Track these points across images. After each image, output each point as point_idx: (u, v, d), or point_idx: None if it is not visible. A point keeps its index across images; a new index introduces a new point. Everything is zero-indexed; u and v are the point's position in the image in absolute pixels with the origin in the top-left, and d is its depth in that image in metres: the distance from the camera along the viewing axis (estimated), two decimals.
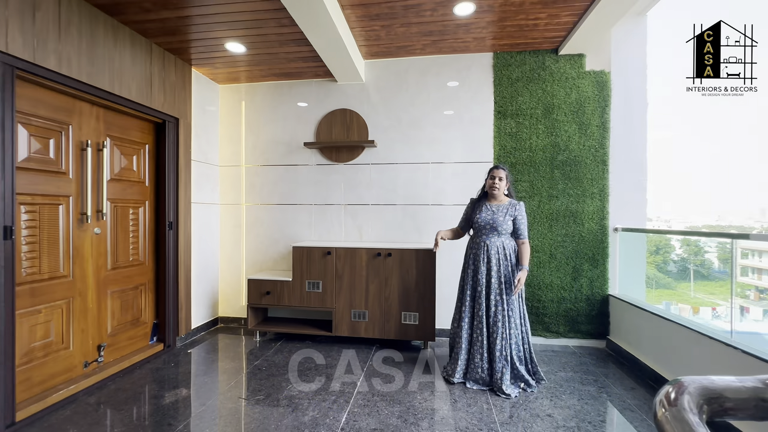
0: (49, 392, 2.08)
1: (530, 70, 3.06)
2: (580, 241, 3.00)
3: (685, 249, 2.92)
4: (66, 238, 2.23)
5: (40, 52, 1.94)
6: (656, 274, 3.05)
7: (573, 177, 3.00)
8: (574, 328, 3.01)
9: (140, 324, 2.79)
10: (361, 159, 3.34)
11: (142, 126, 2.80)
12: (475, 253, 2.41)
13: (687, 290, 2.87)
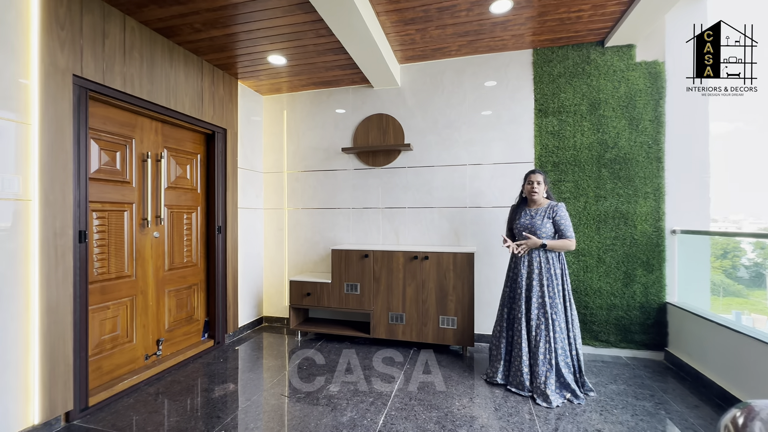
0: (115, 381, 2.30)
1: (573, 64, 2.92)
2: (632, 244, 2.79)
3: (758, 252, 2.63)
4: (130, 241, 2.45)
5: (108, 75, 2.17)
6: (724, 281, 2.76)
7: (623, 176, 2.81)
8: (626, 338, 2.81)
9: (193, 321, 3.00)
10: (398, 162, 3.36)
11: (194, 137, 3.02)
12: (516, 258, 2.38)
13: (762, 299, 2.59)
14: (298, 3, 2.20)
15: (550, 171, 2.95)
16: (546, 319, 2.20)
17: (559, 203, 2.32)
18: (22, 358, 1.77)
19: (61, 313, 1.91)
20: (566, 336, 2.22)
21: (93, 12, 2.09)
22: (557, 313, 2.20)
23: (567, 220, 2.28)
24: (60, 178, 1.91)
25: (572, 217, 2.89)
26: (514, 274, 2.38)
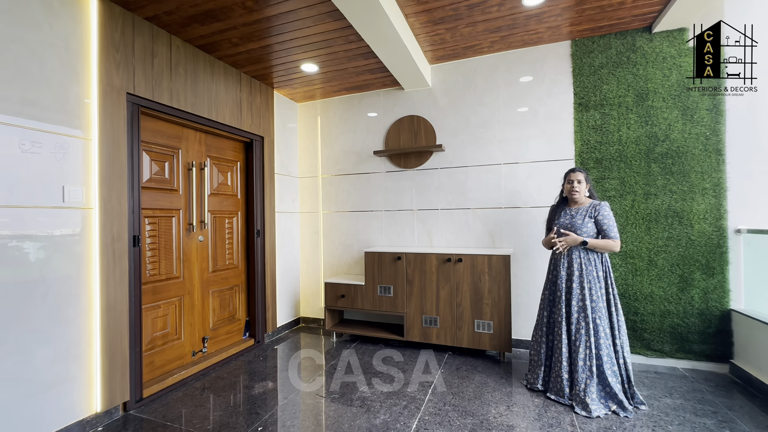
0: (166, 375, 2.47)
1: (617, 53, 2.73)
2: (689, 245, 2.56)
3: None
4: (177, 244, 2.63)
5: (157, 91, 2.34)
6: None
7: (676, 171, 2.59)
8: (683, 348, 2.57)
9: (235, 320, 3.15)
10: (430, 164, 3.33)
11: (234, 146, 3.18)
12: (555, 260, 2.28)
13: None
14: (327, 11, 2.25)
15: (593, 168, 2.78)
16: (587, 324, 2.07)
17: (602, 202, 2.19)
18: (86, 351, 1.95)
19: (119, 311, 2.09)
20: (611, 343, 2.08)
21: (143, 34, 2.27)
22: (600, 317, 2.07)
23: (610, 219, 2.14)
24: (117, 187, 2.09)
25: (618, 217, 2.71)
26: (554, 276, 2.27)
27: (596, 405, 1.99)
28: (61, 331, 1.84)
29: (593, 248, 2.12)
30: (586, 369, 2.05)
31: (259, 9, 2.22)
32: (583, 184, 2.23)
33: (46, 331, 1.79)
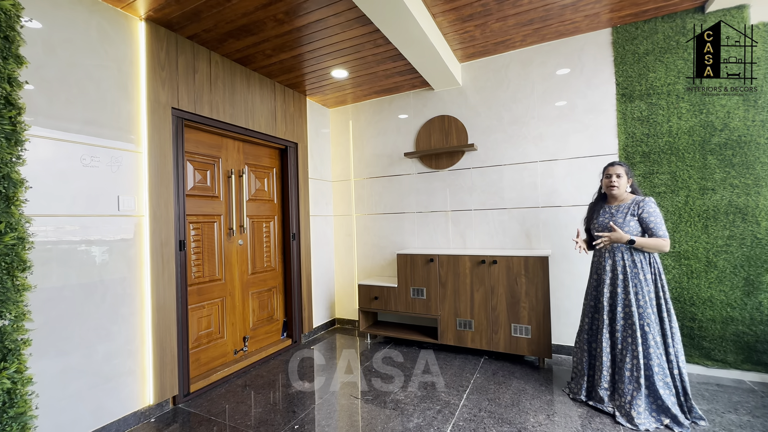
0: (210, 372, 2.61)
1: (665, 38, 2.53)
2: (755, 244, 2.31)
3: None
4: (219, 248, 2.78)
5: (198, 104, 2.50)
6: None
7: (737, 163, 2.35)
8: (750, 358, 2.32)
9: (273, 321, 3.27)
10: (462, 164, 3.27)
11: (270, 153, 3.31)
12: (597, 262, 2.14)
13: None
14: (355, 17, 2.28)
15: (640, 162, 2.59)
16: (634, 331, 1.92)
17: (647, 197, 2.01)
18: (140, 347, 2.11)
19: (167, 310, 2.24)
20: (664, 351, 1.92)
21: (186, 52, 2.43)
22: (650, 324, 1.91)
23: (657, 216, 1.96)
24: (164, 196, 2.25)
25: (671, 215, 2.50)
26: (596, 281, 2.13)
27: (644, 419, 1.84)
28: (118, 329, 2.01)
29: (641, 248, 1.96)
30: (633, 380, 1.90)
31: (290, 21, 2.30)
32: (623, 178, 2.06)
33: (106, 328, 1.96)
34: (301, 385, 2.54)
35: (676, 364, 1.91)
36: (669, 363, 1.92)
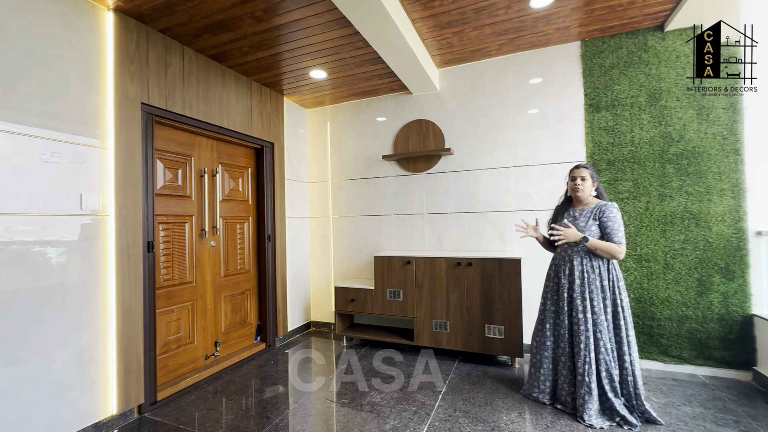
0: (179, 379, 2.51)
1: (628, 53, 2.69)
2: (707, 248, 2.49)
3: None
4: (190, 250, 2.68)
5: (170, 100, 2.41)
6: None
7: (692, 172, 2.52)
8: (703, 354, 2.49)
9: (247, 324, 3.19)
10: (439, 167, 3.32)
11: (245, 152, 3.23)
12: (557, 265, 2.16)
13: None
14: (335, 19, 2.28)
15: (605, 170, 2.74)
16: (587, 338, 1.96)
17: (610, 202, 2.03)
18: (103, 354, 2.00)
19: (134, 315, 2.14)
20: (617, 356, 1.97)
21: (157, 46, 2.34)
22: (602, 332, 1.95)
23: (616, 222, 1.97)
24: (131, 195, 2.15)
25: (633, 220, 2.65)
26: (555, 284, 2.15)
27: (596, 419, 1.91)
28: (78, 335, 1.90)
29: (594, 249, 1.97)
30: (585, 385, 1.95)
31: (268, 18, 2.26)
32: (588, 181, 2.08)
33: (65, 334, 1.84)
34: (275, 389, 2.49)
35: (630, 372, 1.95)
36: (623, 370, 1.95)
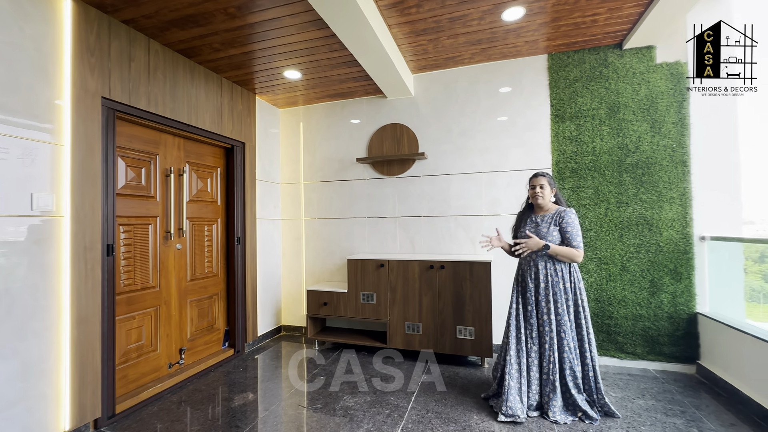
0: (140, 389, 2.38)
1: (590, 68, 2.86)
2: (658, 251, 2.68)
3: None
4: (154, 253, 2.55)
5: (134, 95, 2.28)
6: (764, 286, 2.60)
7: (646, 181, 2.72)
8: (654, 350, 2.68)
9: (214, 330, 3.07)
10: (412, 171, 3.36)
11: (215, 151, 3.12)
12: (522, 271, 2.24)
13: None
14: (311, 20, 2.26)
15: (569, 177, 2.89)
16: (551, 338, 2.06)
17: (568, 209, 2.13)
18: (55, 366, 1.86)
19: (91, 323, 2.00)
20: (579, 356, 2.07)
21: (120, 38, 2.21)
22: (565, 331, 2.05)
23: (575, 227, 2.07)
24: (90, 194, 2.01)
25: (593, 224, 2.81)
26: (522, 288, 2.23)
27: (561, 416, 2.01)
28: (27, 346, 1.75)
29: (555, 255, 2.06)
30: (550, 383, 2.05)
31: (242, 16, 2.21)
32: (546, 189, 2.16)
33: (11, 346, 1.70)
34: (244, 397, 2.42)
35: (591, 368, 2.06)
36: (585, 366, 2.07)
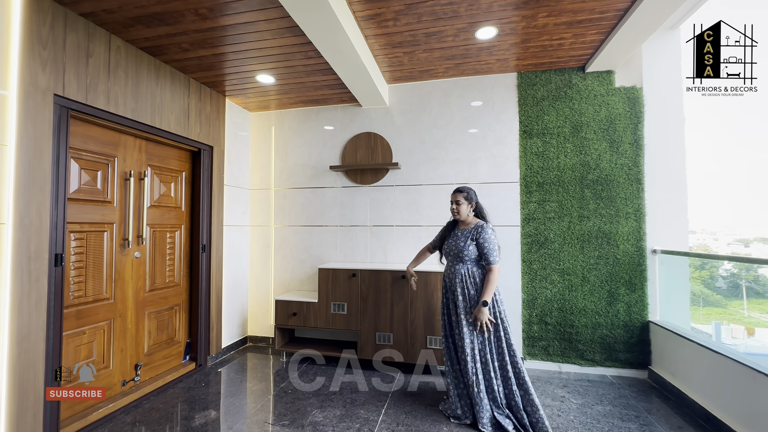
0: (89, 411, 2.19)
1: (556, 88, 3.01)
2: (615, 263, 2.85)
3: (735, 264, 2.70)
4: (109, 262, 2.38)
5: (91, 94, 2.13)
6: (703, 291, 2.82)
7: (605, 197, 2.89)
8: (611, 357, 2.84)
9: (174, 343, 2.90)
10: (386, 181, 3.37)
11: (180, 155, 2.97)
12: (445, 282, 2.28)
13: (740, 308, 2.64)
14: (287, 26, 2.22)
15: (536, 191, 3.01)
16: (472, 350, 2.08)
17: (486, 224, 2.14)
18: None
19: (33, 341, 1.82)
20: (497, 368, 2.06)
21: (77, 31, 2.06)
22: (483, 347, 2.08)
23: (491, 243, 2.08)
24: (36, 199, 1.85)
25: (558, 237, 2.94)
26: (445, 301, 2.27)
27: (489, 429, 2.01)
28: None
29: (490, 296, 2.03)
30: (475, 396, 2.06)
31: (214, 17, 2.12)
32: (463, 205, 2.18)
33: None
34: (205, 415, 2.29)
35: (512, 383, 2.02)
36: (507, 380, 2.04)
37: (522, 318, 3.01)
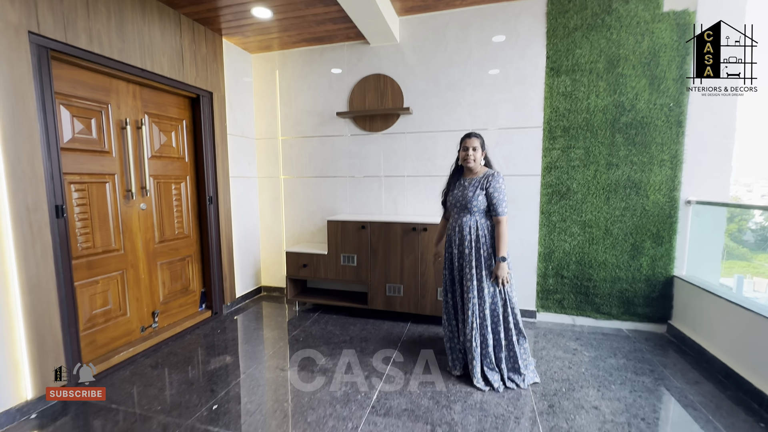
0: (111, 354, 2.30)
1: (592, 15, 2.61)
2: (643, 215, 2.64)
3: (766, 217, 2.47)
4: (115, 214, 2.35)
5: (71, 32, 1.95)
6: (728, 244, 2.63)
7: (639, 142, 2.60)
8: (629, 311, 2.74)
9: (189, 292, 2.97)
10: (397, 127, 3.15)
11: (178, 102, 2.82)
12: (449, 236, 2.15)
13: (765, 262, 2.50)
14: None
15: (560, 137, 2.74)
16: (473, 305, 2.01)
17: (497, 172, 2.01)
18: (7, 335, 1.73)
19: (44, 289, 1.85)
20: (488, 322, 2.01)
21: None
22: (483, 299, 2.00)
23: (501, 192, 1.97)
24: (26, 148, 1.77)
25: (581, 187, 2.73)
26: (449, 256, 2.16)
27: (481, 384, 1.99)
28: None
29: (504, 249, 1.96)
30: (472, 350, 2.01)
31: None
32: (479, 151, 2.03)
33: None
34: (222, 360, 2.38)
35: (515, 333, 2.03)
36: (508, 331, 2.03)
37: (537, 271, 2.90)
